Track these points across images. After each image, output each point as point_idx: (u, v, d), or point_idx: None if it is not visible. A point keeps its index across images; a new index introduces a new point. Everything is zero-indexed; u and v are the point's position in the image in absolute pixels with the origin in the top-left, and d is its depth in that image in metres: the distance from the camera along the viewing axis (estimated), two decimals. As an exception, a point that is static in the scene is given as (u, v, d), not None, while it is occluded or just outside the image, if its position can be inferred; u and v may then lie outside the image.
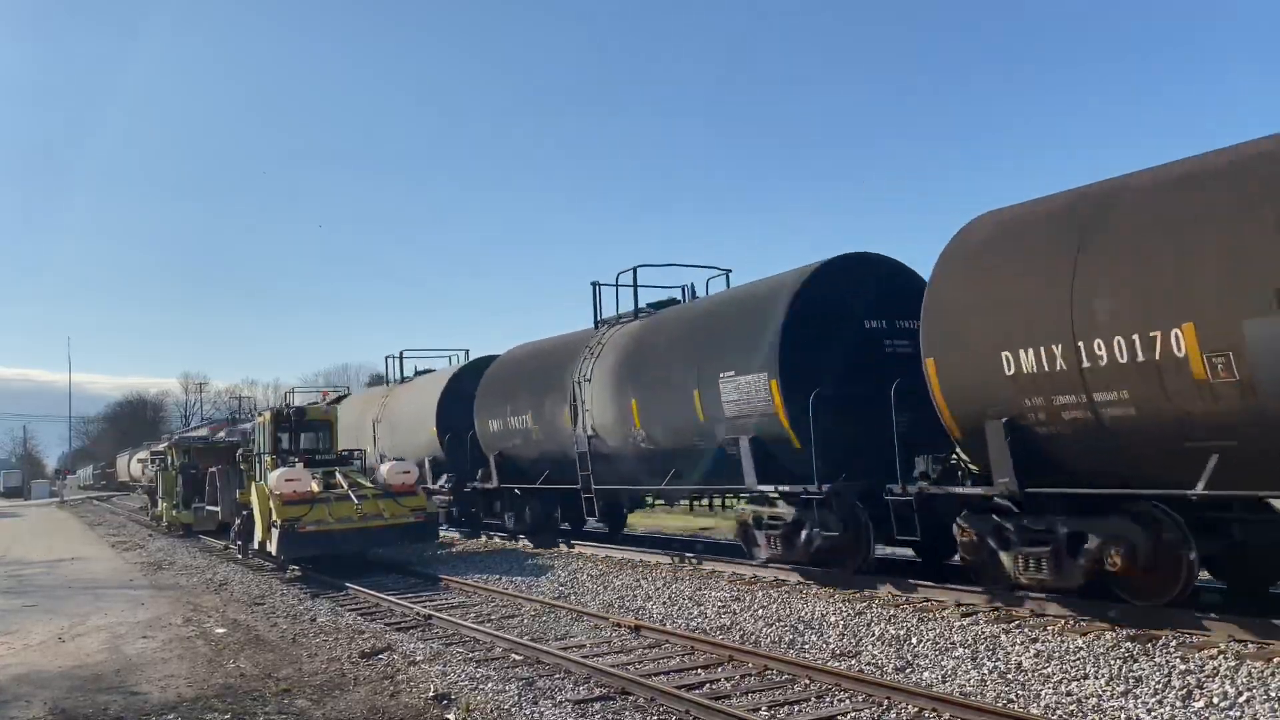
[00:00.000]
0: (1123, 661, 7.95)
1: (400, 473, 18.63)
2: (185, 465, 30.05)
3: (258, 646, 10.95)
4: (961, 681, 7.98)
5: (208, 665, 10.01)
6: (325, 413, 21.34)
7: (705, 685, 8.35)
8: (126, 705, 8.48)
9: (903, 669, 8.54)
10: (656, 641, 10.27)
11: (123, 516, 46.12)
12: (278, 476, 17.56)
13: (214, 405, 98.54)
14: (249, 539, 19.15)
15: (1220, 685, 7.14)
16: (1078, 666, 7.99)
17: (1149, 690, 7.23)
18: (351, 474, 18.97)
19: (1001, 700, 7.36)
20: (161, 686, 9.12)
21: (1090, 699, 7.21)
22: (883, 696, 7.58)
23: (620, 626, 11.03)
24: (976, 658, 8.59)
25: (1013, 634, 9.19)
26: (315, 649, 10.65)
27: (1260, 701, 6.74)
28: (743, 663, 9.05)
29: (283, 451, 19.81)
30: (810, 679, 8.29)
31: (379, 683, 8.89)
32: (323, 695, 8.56)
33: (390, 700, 8.25)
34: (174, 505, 30.35)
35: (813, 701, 7.71)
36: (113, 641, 11.58)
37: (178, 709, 8.28)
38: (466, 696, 8.17)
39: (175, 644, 11.29)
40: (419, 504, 18.17)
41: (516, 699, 8.02)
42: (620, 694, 8.16)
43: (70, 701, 8.63)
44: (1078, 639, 8.77)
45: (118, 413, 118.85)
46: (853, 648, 9.43)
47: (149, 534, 31.93)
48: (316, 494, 17.42)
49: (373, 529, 17.35)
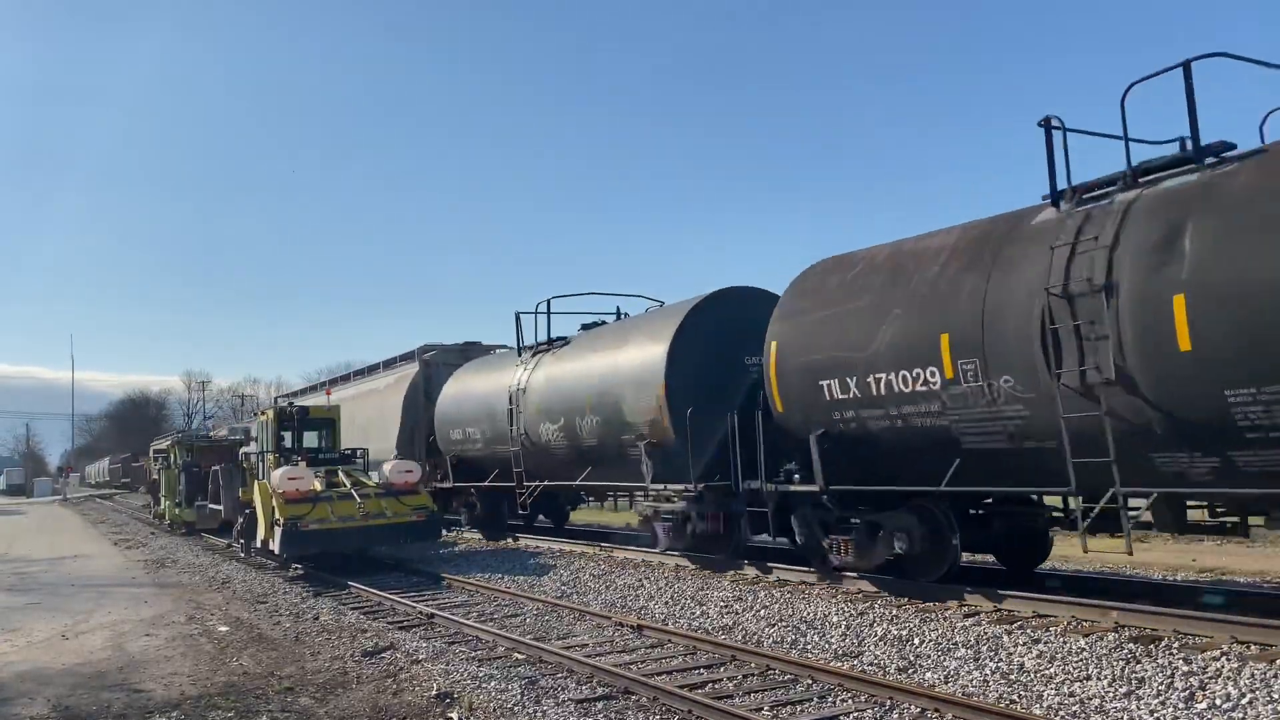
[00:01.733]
0: (1125, 662, 7.95)
1: (403, 471, 18.68)
2: (188, 463, 30.09)
3: (260, 645, 10.96)
4: (964, 682, 7.98)
5: (210, 663, 10.02)
6: (328, 411, 21.36)
7: (708, 685, 8.35)
8: (129, 703, 8.49)
9: (905, 669, 8.54)
10: (659, 641, 10.28)
11: (125, 515, 46.18)
12: (280, 475, 17.58)
13: (216, 403, 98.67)
14: (251, 537, 19.17)
15: (1223, 687, 7.14)
16: (1080, 667, 7.99)
17: (1152, 691, 7.22)
18: (354, 473, 19.00)
19: (1004, 701, 7.36)
20: (164, 684, 9.14)
21: (1093, 700, 7.20)
22: (885, 697, 7.58)
23: (623, 626, 11.04)
24: (979, 658, 8.59)
25: (1015, 635, 9.18)
26: (318, 647, 10.66)
27: (1263, 703, 6.74)
28: (745, 662, 9.05)
29: (285, 450, 19.83)
30: (813, 679, 8.29)
31: (382, 681, 8.90)
32: (326, 693, 8.57)
33: (393, 699, 8.26)
34: (176, 503, 30.37)
35: (815, 702, 7.70)
36: (115, 639, 11.60)
37: (180, 707, 8.29)
38: (469, 695, 8.17)
39: (178, 642, 11.31)
40: (421, 503, 18.19)
41: (519, 698, 8.03)
42: (623, 693, 8.16)
43: (73, 699, 8.65)
44: (1080, 640, 8.77)
45: (120, 411, 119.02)
46: (855, 648, 9.43)
47: (151, 532, 31.98)
48: (319, 492, 17.45)
49: (375, 528, 17.37)
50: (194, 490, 28.76)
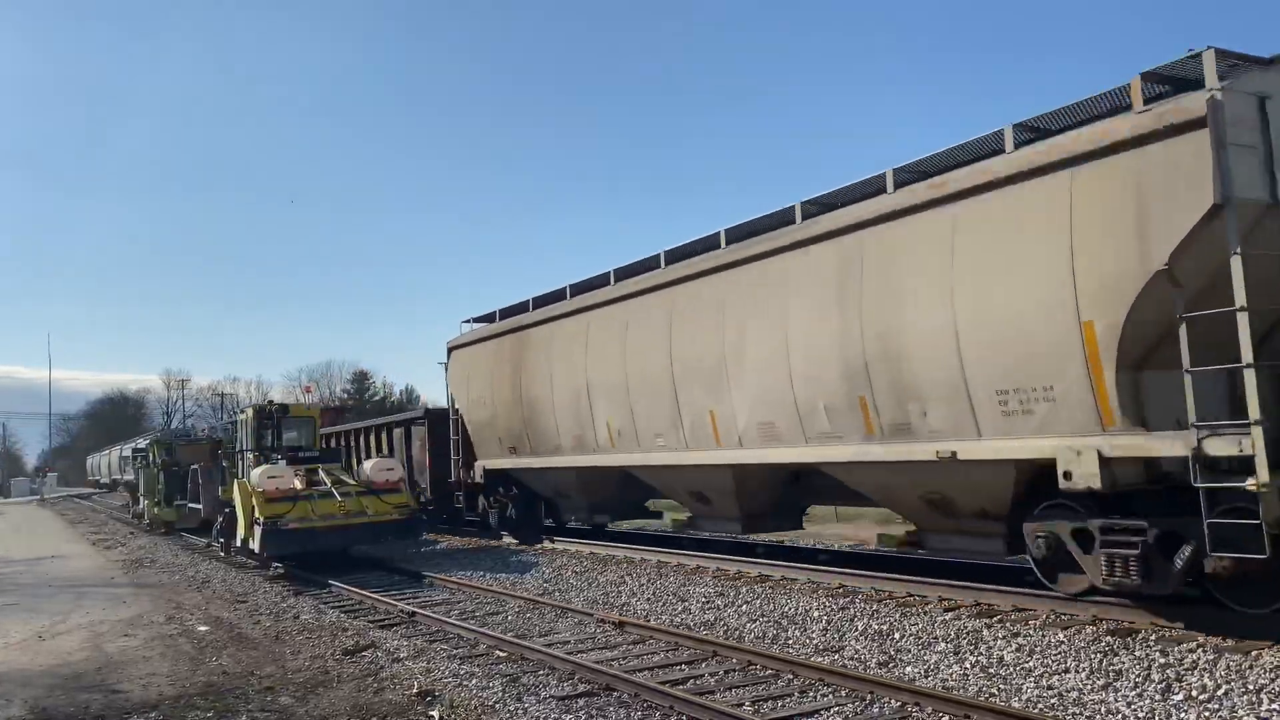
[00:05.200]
0: (1103, 655, 8.02)
1: (384, 470, 18.62)
2: (167, 462, 29.83)
3: (240, 644, 10.90)
4: (944, 676, 8.02)
5: (190, 663, 9.95)
6: (308, 409, 21.27)
7: (689, 681, 8.36)
8: (107, 704, 8.42)
9: (886, 664, 8.58)
10: (641, 637, 10.28)
11: (104, 514, 45.81)
12: (260, 473, 17.49)
13: (196, 402, 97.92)
14: (231, 536, 19.05)
15: (1199, 679, 7.21)
16: (1059, 660, 8.05)
17: (1129, 683, 7.28)
18: (335, 471, 18.92)
19: (984, 694, 7.40)
20: (143, 685, 9.07)
21: (1071, 692, 7.26)
22: (866, 691, 7.61)
23: (605, 623, 11.04)
24: (959, 652, 8.64)
25: (995, 629, 9.25)
26: (298, 646, 10.61)
27: (1239, 695, 6.81)
28: (727, 658, 9.07)
29: (265, 448, 19.72)
30: (794, 674, 8.31)
31: (362, 680, 8.87)
32: (306, 693, 8.52)
33: (374, 697, 8.23)
34: (156, 502, 30.12)
35: (796, 697, 7.72)
36: (94, 640, 11.51)
37: (159, 707, 8.23)
38: (450, 693, 8.15)
39: (157, 642, 11.23)
40: (403, 501, 18.14)
41: (500, 695, 8.02)
42: (604, 690, 8.16)
43: (51, 700, 8.58)
44: (1059, 633, 8.84)
45: (99, 410, 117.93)
46: (836, 643, 9.47)
47: (130, 532, 31.70)
48: (299, 491, 17.37)
49: (356, 526, 17.31)
50: (173, 489, 28.57)
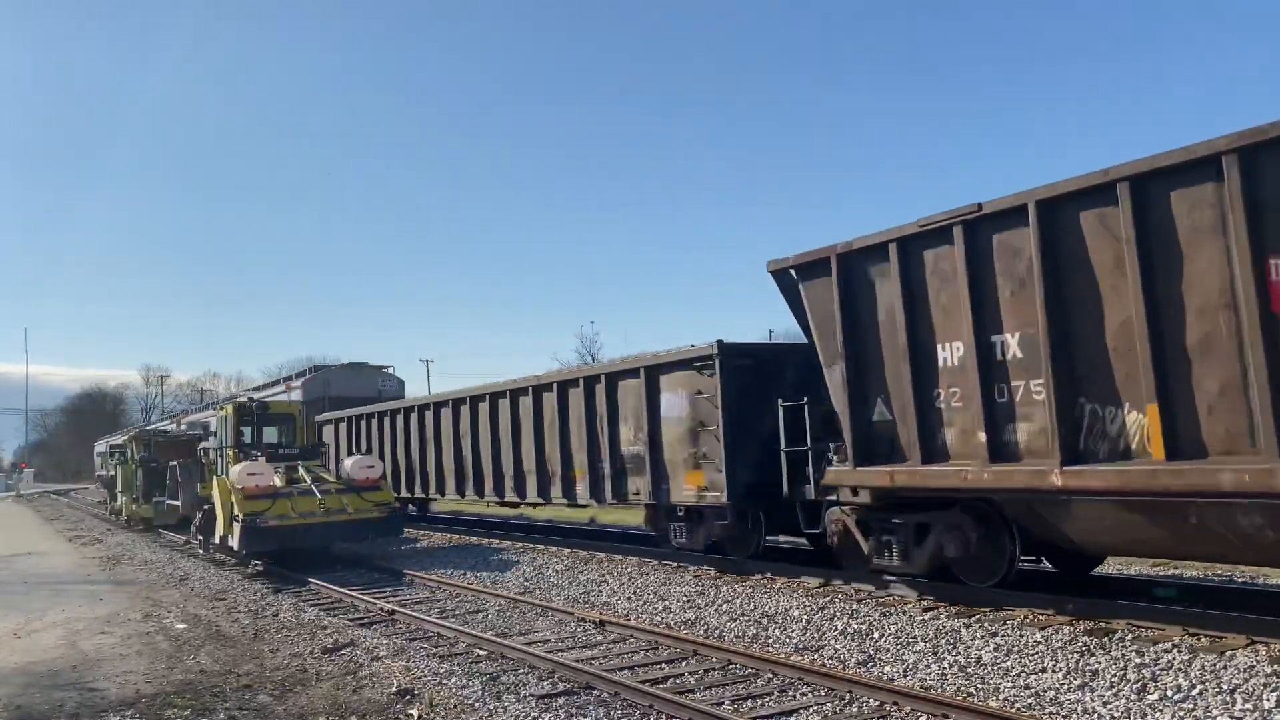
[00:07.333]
0: (1080, 655, 8.08)
1: (364, 467, 18.55)
2: (145, 458, 29.60)
3: (219, 642, 10.83)
4: (922, 675, 8.06)
5: (167, 661, 9.88)
6: (288, 406, 21.17)
7: (669, 680, 8.37)
8: (83, 702, 8.35)
9: (865, 663, 8.62)
10: (621, 636, 10.29)
11: (81, 511, 45.43)
12: (240, 470, 17.39)
13: (175, 398, 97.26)
14: (210, 533, 18.95)
15: (1174, 678, 7.28)
16: (1036, 660, 8.11)
17: (1105, 683, 7.34)
18: (315, 468, 18.84)
19: (962, 693, 7.45)
20: (120, 683, 9.00)
21: (1048, 692, 7.31)
22: (845, 690, 7.64)
23: (585, 621, 11.04)
24: (937, 652, 8.69)
25: (973, 628, 9.30)
26: (277, 644, 10.56)
27: (1213, 694, 6.88)
28: (707, 657, 9.08)
29: (245, 445, 19.62)
30: (774, 673, 8.34)
31: (341, 678, 8.83)
32: (284, 691, 8.48)
33: (353, 696, 8.20)
34: (134, 499, 29.91)
35: (776, 695, 7.75)
36: (70, 637, 11.41)
37: (136, 705, 8.17)
38: (430, 692, 8.13)
39: (134, 640, 11.14)
40: (383, 499, 18.08)
41: (480, 694, 8.00)
42: (584, 689, 8.16)
43: (25, 699, 8.49)
44: (1036, 633, 8.90)
45: (77, 405, 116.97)
46: (816, 642, 9.50)
47: (108, 528, 31.44)
48: (279, 488, 17.29)
49: (336, 524, 17.25)
50: (152, 486, 28.35)
